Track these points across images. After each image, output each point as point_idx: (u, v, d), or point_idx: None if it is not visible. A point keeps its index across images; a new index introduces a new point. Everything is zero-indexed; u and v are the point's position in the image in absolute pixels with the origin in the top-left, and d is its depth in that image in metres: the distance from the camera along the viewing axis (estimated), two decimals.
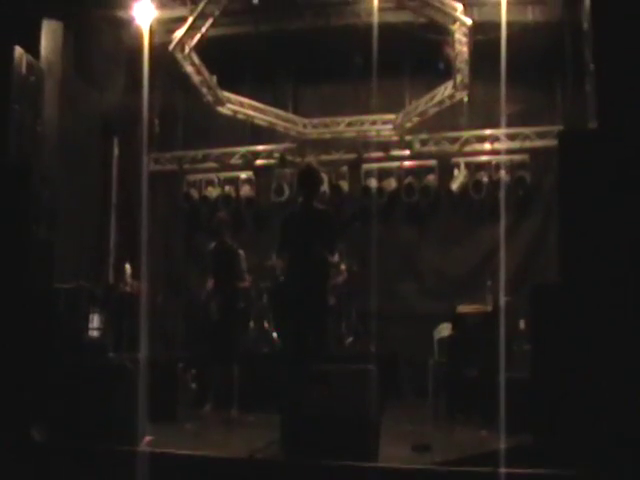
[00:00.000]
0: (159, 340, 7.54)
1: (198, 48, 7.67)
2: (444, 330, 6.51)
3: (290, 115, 8.78)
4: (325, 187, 8.24)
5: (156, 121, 8.52)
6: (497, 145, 8.19)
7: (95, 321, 6.32)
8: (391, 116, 8.47)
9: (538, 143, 8.02)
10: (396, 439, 4.73)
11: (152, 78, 6.15)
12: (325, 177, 8.22)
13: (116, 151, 8.73)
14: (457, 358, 5.92)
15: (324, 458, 3.74)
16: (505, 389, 4.84)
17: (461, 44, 7.26)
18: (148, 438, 4.43)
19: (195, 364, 6.18)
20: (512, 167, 8.03)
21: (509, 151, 8.07)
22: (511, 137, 8.15)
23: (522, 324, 6.01)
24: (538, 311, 4.17)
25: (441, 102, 7.93)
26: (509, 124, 7.84)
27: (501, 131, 8.07)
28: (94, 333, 6.30)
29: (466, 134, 8.27)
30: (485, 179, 8.12)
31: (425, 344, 6.69)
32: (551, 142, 7.58)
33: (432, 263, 8.26)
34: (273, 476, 3.83)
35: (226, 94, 8.34)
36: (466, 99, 7.87)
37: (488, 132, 8.23)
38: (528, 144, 8.08)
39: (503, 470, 3.55)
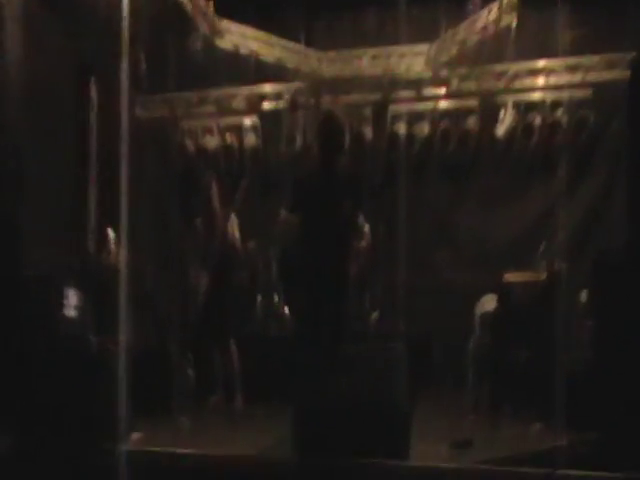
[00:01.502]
0: (150, 319, 7.57)
1: None
2: (488, 303, 6.45)
3: (302, 48, 8.68)
4: (345, 135, 8.14)
5: (142, 57, 8.31)
6: (553, 79, 8.01)
7: (72, 298, 6.33)
8: (423, 47, 8.33)
9: (605, 75, 7.81)
10: (431, 434, 4.76)
11: (136, 4, 5.99)
12: (345, 123, 8.11)
13: (94, 94, 8.53)
14: (504, 337, 5.88)
15: (344, 457, 3.79)
16: (563, 375, 4.79)
17: None
18: (137, 435, 4.45)
19: (192, 347, 6.19)
20: (572, 106, 7.86)
21: (568, 86, 7.88)
22: (571, 69, 7.94)
23: (584, 296, 5.93)
24: (603, 280, 4.15)
25: (484, 28, 7.78)
26: (568, 52, 7.64)
27: (558, 62, 7.88)
28: (71, 312, 6.31)
29: (515, 67, 8.08)
30: (538, 122, 7.95)
31: (465, 320, 6.62)
32: (621, 73, 7.39)
33: (473, 225, 8.15)
34: (284, 478, 3.85)
35: (225, 23, 8.26)
36: (515, 24, 7.69)
37: (542, 63, 8.03)
38: (592, 77, 7.87)
39: (561, 472, 3.51)
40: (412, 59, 8.42)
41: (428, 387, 6.50)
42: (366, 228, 6.96)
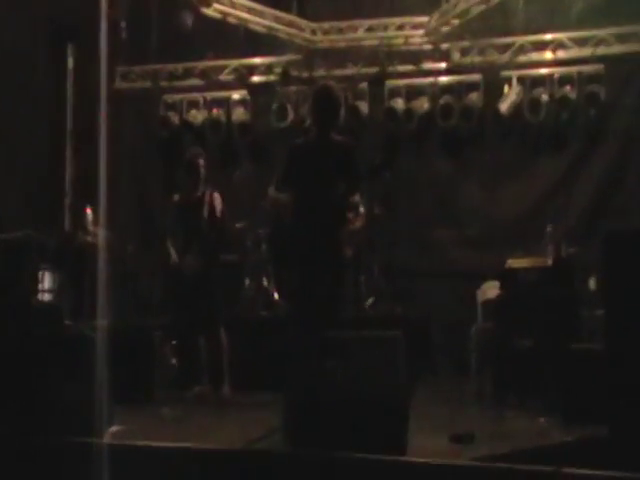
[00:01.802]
0: (131, 304, 7.52)
1: None
2: (490, 289, 6.40)
3: (295, 18, 8.60)
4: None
5: (123, 24, 8.30)
6: (561, 53, 7.95)
7: (47, 280, 6.28)
8: (423, 18, 8.25)
9: (617, 48, 7.76)
10: (429, 426, 4.66)
11: None
12: (340, 96, 8.06)
13: (71, 62, 8.48)
14: (507, 324, 5.79)
15: (338, 450, 3.68)
16: (571, 365, 4.73)
17: None
18: (116, 428, 4.37)
19: (176, 333, 6.13)
20: (581, 81, 7.82)
21: (577, 60, 7.85)
22: (580, 42, 7.89)
23: (592, 283, 5.88)
24: (613, 266, 4.06)
25: None
26: (578, 24, 7.63)
27: (567, 34, 7.83)
28: (46, 295, 6.26)
29: (520, 40, 8.03)
30: (544, 97, 7.91)
31: (466, 307, 6.64)
32: (634, 47, 7.43)
33: (475, 204, 8.12)
34: (275, 471, 3.77)
35: None
36: None
37: (549, 36, 7.97)
38: (603, 50, 7.82)
39: (568, 470, 3.44)
40: (411, 31, 8.34)
41: (427, 375, 6.53)
42: (362, 207, 6.92)
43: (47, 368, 4.32)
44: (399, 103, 8.26)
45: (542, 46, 8.02)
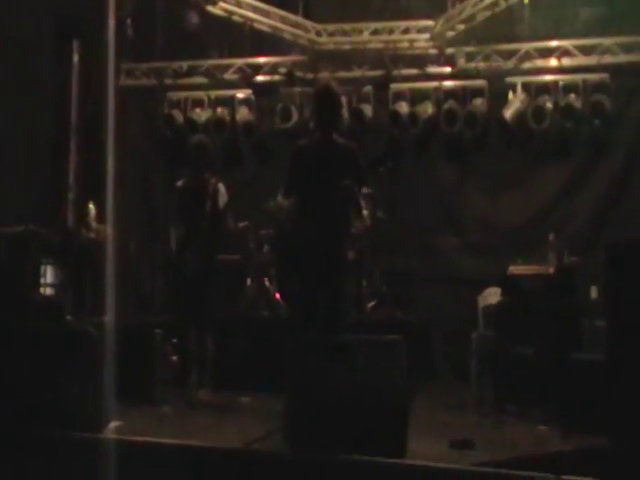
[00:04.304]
0: (132, 301, 7.51)
1: None
2: (491, 296, 6.43)
3: (300, 19, 8.60)
4: (344, 112, 8.08)
5: (129, 21, 8.30)
6: (566, 61, 7.94)
7: (49, 275, 6.29)
8: (428, 22, 8.26)
9: (622, 58, 7.74)
10: (429, 431, 4.71)
11: None
12: (344, 99, 8.05)
13: (76, 59, 8.50)
14: (508, 331, 5.83)
15: (337, 452, 3.72)
16: (571, 373, 4.75)
17: None
18: (116, 423, 4.39)
19: (177, 331, 6.12)
20: (586, 89, 7.80)
21: (583, 68, 7.84)
22: (586, 50, 7.88)
23: (594, 292, 5.89)
24: (616, 275, 4.05)
25: (494, 4, 7.67)
26: (583, 33, 7.64)
27: (572, 42, 7.82)
28: (48, 290, 6.27)
29: (526, 46, 8.02)
30: (549, 105, 7.89)
31: (467, 312, 6.66)
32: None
33: (478, 211, 8.14)
34: (274, 471, 3.80)
35: None
36: (527, 0, 7.60)
37: (555, 44, 7.95)
38: (609, 59, 7.81)
39: (566, 478, 3.44)
40: (416, 35, 8.33)
41: (427, 380, 6.53)
42: (365, 211, 6.91)
43: (47, 362, 4.32)
44: (403, 107, 8.23)
45: (547, 53, 8.00)
